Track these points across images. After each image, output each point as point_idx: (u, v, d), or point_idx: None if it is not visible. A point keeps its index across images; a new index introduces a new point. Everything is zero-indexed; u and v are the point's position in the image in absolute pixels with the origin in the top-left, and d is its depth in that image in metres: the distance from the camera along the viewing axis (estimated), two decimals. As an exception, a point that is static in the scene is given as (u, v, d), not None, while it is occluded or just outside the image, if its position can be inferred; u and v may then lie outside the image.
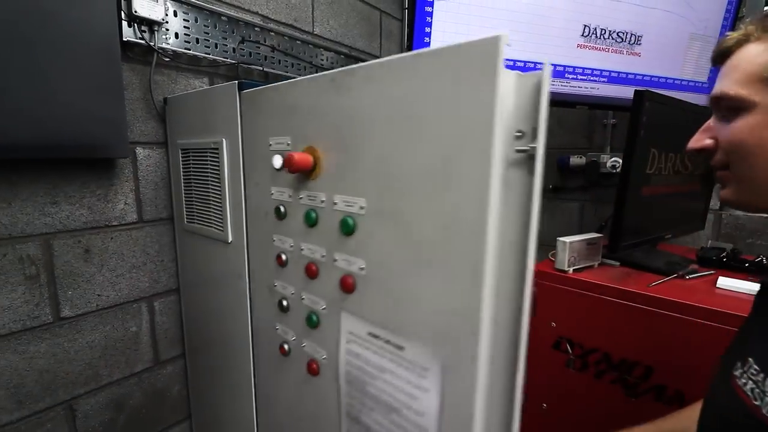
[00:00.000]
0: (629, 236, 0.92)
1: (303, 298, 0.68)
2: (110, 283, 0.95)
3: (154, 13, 0.91)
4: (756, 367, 0.41)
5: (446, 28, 0.89)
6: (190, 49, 1.00)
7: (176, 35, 0.97)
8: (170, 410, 1.11)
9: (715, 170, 0.47)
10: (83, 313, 0.92)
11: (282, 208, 0.68)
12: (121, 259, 0.97)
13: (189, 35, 1.00)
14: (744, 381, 0.42)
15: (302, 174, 0.63)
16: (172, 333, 1.09)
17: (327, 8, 1.37)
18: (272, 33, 1.19)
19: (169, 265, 1.06)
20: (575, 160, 1.41)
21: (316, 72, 1.34)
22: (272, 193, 0.70)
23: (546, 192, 1.55)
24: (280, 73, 1.22)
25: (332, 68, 1.40)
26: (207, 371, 1.06)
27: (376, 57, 1.55)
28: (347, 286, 0.58)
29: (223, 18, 1.06)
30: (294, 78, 0.65)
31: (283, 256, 0.70)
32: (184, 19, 0.98)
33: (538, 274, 1.01)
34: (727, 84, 0.44)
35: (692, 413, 0.60)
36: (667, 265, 0.98)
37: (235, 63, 1.09)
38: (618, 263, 1.04)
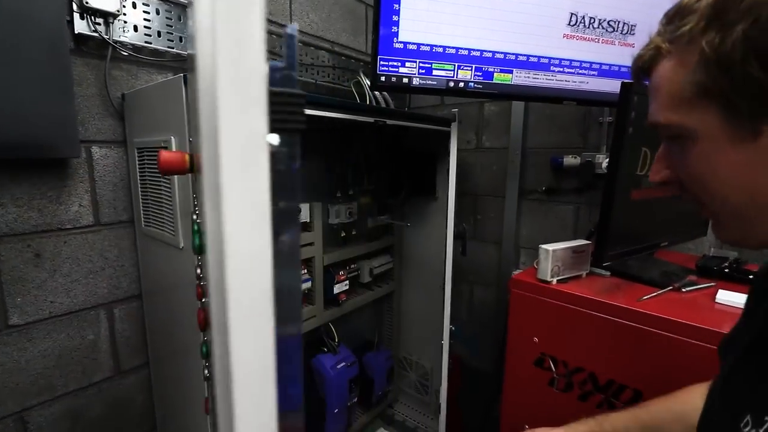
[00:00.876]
0: (617, 244, 0.84)
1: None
2: (64, 289, 0.91)
3: (108, 4, 0.86)
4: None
5: (417, 16, 0.82)
6: (151, 43, 0.95)
7: (135, 28, 0.92)
8: (134, 421, 1.06)
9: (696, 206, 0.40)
10: (34, 320, 0.87)
11: (194, 215, 0.62)
12: (76, 264, 0.92)
13: (150, 28, 0.95)
14: None
15: (193, 176, 0.54)
16: (134, 341, 1.04)
17: (307, 1, 1.31)
18: (244, 27, 1.13)
19: (130, 270, 1.01)
20: (569, 160, 1.33)
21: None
22: (195, 196, 0.64)
23: (538, 194, 1.46)
24: (253, 68, 1.16)
25: (312, 65, 1.34)
26: (171, 381, 1.00)
27: (362, 53, 1.49)
28: (200, 320, 0.49)
29: (187, 10, 1.01)
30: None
31: (199, 270, 0.63)
32: (144, 11, 0.93)
33: (519, 284, 0.94)
34: (656, 110, 0.37)
35: (668, 405, 0.56)
36: (661, 276, 0.90)
37: (201, 58, 1.04)
38: (608, 273, 0.95)
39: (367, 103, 1.39)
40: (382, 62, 0.83)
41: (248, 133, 0.23)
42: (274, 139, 0.24)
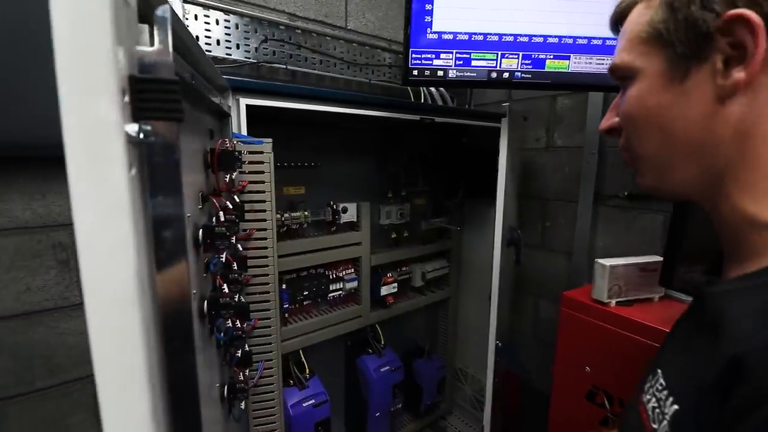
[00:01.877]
0: (698, 261, 0.67)
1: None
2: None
3: (172, 17, 0.95)
4: (662, 381, 0.36)
5: (452, 3, 0.75)
6: (211, 51, 1.03)
7: (197, 38, 1.01)
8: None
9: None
10: (109, 297, 1.01)
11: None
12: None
13: (210, 37, 1.03)
14: (649, 397, 0.37)
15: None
16: (192, 324, 1.14)
17: (363, 1, 1.31)
18: (299, 30, 1.17)
19: (189, 259, 1.10)
20: (657, 160, 1.12)
21: (348, 68, 1.29)
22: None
23: (619, 199, 1.26)
24: (307, 70, 1.20)
25: (367, 64, 1.33)
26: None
27: (420, 49, 1.44)
28: None
29: (245, 18, 1.07)
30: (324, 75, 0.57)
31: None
32: (205, 22, 1.02)
33: (571, 303, 0.81)
34: (615, 54, 0.39)
35: None
36: (764, 308, 0.70)
37: (255, 62, 1.10)
38: (691, 298, 0.77)
39: (422, 101, 1.34)
40: (414, 55, 0.79)
41: (95, 122, 0.22)
42: (132, 128, 0.23)
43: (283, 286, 1.10)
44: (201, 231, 0.50)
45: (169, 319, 0.27)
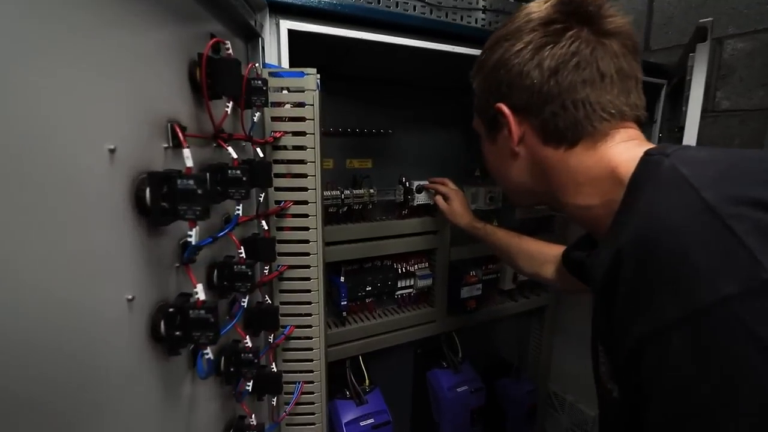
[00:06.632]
0: None
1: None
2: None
3: None
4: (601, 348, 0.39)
5: None
6: None
7: None
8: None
9: None
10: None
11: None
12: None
13: None
14: (604, 369, 0.39)
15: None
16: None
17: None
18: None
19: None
20: None
21: (431, 12, 1.03)
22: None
23: None
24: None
25: (455, 7, 1.06)
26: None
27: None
28: None
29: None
30: None
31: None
32: None
33: None
34: None
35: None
36: None
37: None
38: None
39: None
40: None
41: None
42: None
43: (342, 279, 0.90)
44: (148, 185, 0.29)
45: None
